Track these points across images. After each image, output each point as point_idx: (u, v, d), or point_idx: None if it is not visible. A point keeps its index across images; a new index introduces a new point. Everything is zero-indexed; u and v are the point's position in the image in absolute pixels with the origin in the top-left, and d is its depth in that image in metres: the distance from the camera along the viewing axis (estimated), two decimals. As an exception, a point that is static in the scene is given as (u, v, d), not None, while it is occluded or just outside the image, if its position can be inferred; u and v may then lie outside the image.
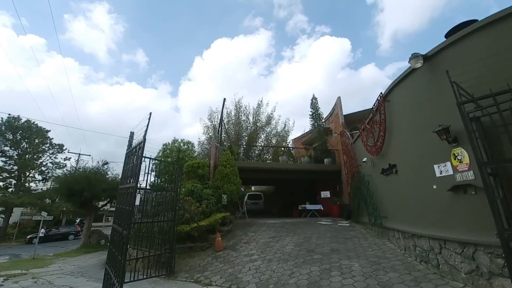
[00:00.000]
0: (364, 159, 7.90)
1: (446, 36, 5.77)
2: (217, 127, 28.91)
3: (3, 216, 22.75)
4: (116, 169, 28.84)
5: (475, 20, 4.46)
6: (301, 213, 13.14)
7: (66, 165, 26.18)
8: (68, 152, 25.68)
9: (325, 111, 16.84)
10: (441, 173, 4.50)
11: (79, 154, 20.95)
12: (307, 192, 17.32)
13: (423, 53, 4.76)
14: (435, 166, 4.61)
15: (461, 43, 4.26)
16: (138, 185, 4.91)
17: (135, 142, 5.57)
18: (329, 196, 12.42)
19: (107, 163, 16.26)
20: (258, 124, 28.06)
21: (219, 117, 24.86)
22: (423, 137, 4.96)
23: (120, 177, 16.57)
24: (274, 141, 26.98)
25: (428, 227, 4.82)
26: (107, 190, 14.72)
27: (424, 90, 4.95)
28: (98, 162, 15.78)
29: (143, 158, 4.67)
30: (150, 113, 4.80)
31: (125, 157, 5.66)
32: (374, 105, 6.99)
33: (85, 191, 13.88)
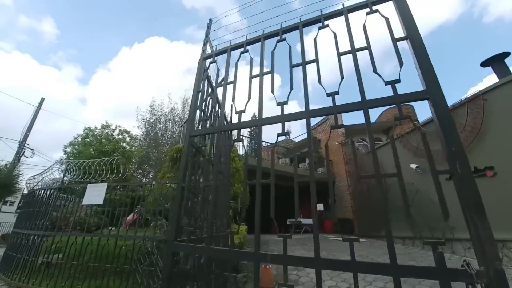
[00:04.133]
0: (414, 166, 6.92)
1: (482, 64, 6.07)
2: (158, 122, 24.08)
3: None
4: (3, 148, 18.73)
5: (508, 52, 5.79)
6: (285, 229, 11.08)
7: None
8: None
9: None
10: None
11: None
12: (278, 205, 15.44)
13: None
14: None
15: None
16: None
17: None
18: (322, 209, 10.99)
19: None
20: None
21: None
22: None
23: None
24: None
25: None
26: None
27: None
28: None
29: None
30: None
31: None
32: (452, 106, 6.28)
33: None
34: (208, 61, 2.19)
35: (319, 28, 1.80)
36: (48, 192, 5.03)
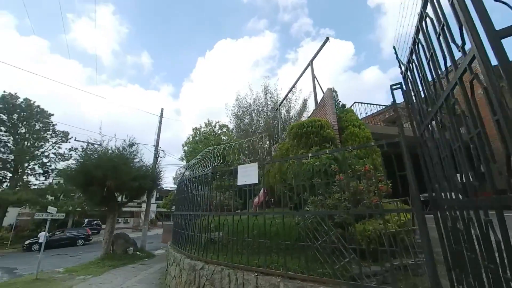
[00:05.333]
0: None
1: None
2: (246, 114, 25.31)
3: (-4, 217, 18.59)
4: (144, 152, 24.01)
5: None
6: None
7: (71, 157, 22.14)
8: (75, 140, 21.55)
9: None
10: None
11: (88, 143, 16.79)
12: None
13: None
14: None
15: None
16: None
17: None
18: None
19: (133, 144, 12.27)
20: (291, 112, 24.97)
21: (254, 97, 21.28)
22: None
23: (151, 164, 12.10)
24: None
25: None
26: (139, 178, 10.77)
27: None
28: (124, 141, 11.67)
29: None
30: None
31: None
32: None
33: (108, 179, 9.91)
34: None
35: None
36: (203, 177, 5.61)
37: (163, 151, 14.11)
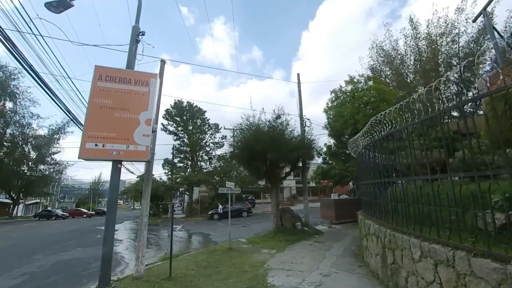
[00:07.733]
0: None
1: None
2: (384, 64, 20.10)
3: (188, 193, 24.87)
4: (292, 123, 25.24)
5: None
6: None
7: (223, 145, 25.90)
8: (224, 128, 24.89)
9: None
10: None
11: (233, 129, 18.17)
12: None
13: None
14: None
15: None
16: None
17: None
18: None
19: (279, 116, 11.45)
20: (459, 41, 17.39)
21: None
22: None
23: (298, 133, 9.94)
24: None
25: None
26: (296, 149, 9.68)
27: None
28: (274, 111, 10.89)
29: None
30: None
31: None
32: None
33: (268, 152, 9.36)
34: None
35: None
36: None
37: (308, 119, 12.63)
